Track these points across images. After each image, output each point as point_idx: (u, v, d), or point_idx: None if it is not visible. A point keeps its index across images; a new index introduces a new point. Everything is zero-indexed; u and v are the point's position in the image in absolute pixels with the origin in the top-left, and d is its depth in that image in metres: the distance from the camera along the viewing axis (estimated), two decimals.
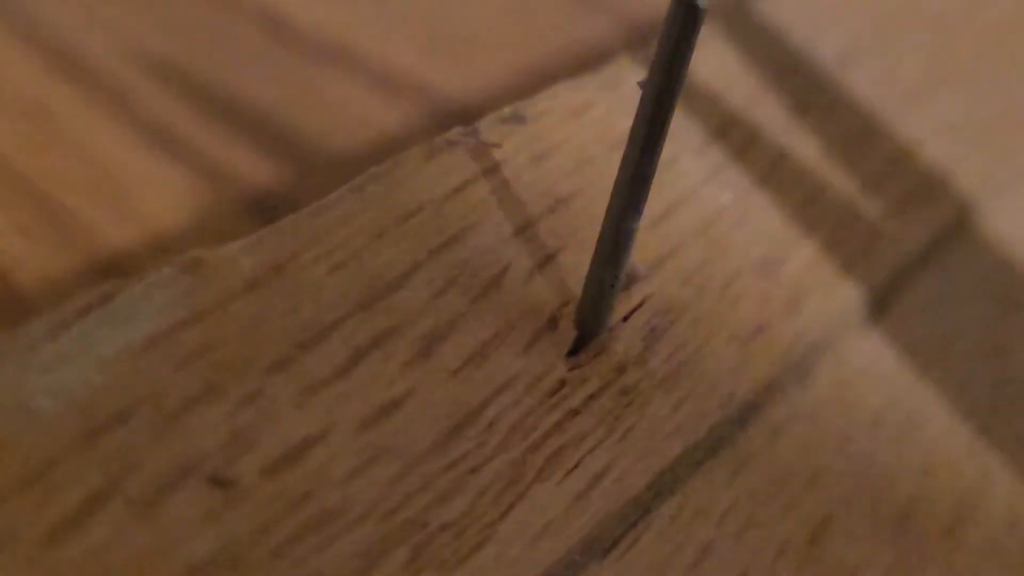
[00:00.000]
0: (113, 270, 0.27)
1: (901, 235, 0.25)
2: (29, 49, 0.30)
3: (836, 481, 0.22)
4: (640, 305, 0.21)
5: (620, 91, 0.24)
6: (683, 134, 0.24)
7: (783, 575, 0.20)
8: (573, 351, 0.20)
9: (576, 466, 0.19)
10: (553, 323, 0.20)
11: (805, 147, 0.26)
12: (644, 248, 0.22)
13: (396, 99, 0.32)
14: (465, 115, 0.31)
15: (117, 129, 0.29)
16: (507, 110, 0.22)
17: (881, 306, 0.24)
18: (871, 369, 0.24)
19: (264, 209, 0.28)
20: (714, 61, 0.26)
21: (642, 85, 0.18)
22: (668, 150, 0.21)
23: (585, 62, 0.32)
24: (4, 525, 0.15)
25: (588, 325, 0.20)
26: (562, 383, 0.19)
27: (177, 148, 0.29)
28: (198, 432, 0.16)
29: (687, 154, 0.24)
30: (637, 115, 0.18)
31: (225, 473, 0.16)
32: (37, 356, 0.16)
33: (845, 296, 0.24)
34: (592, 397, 0.20)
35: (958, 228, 0.27)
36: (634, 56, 0.24)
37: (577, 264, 0.21)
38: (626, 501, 0.19)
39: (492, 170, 0.21)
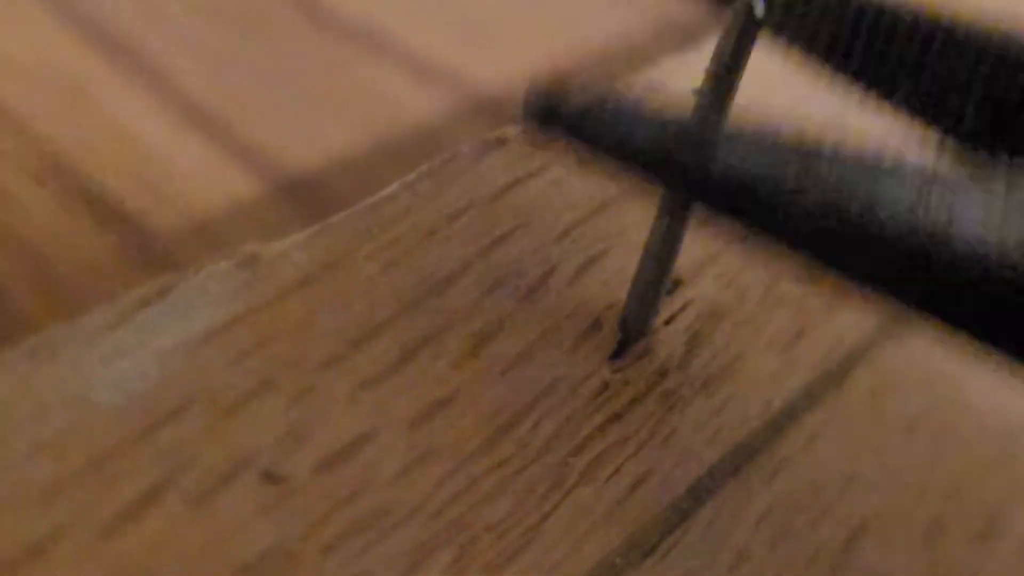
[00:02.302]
0: (150, 252, 0.27)
1: None
2: (69, 29, 0.30)
3: (869, 489, 0.22)
4: (683, 309, 0.21)
5: (667, 92, 0.24)
6: None
7: None
8: (616, 354, 0.20)
9: (618, 470, 0.19)
10: (597, 325, 0.20)
11: None
12: (686, 252, 0.22)
13: (430, 85, 0.32)
14: (496, 102, 0.31)
15: (156, 110, 0.29)
16: None
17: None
18: (905, 378, 0.24)
19: (301, 193, 0.29)
20: (758, 65, 0.26)
21: (696, 92, 0.18)
22: None
23: (613, 53, 0.32)
24: (64, 516, 0.15)
25: (632, 328, 0.20)
26: (605, 386, 0.19)
27: (216, 131, 0.29)
28: (252, 428, 0.16)
29: None
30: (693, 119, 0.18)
31: (278, 469, 0.16)
32: (97, 348, 0.16)
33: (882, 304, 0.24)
34: (635, 401, 0.20)
35: None
36: (681, 58, 0.24)
37: (622, 266, 0.21)
38: (666, 505, 0.19)
39: (541, 170, 0.21)
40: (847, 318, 0.23)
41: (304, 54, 0.31)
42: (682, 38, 0.33)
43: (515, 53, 0.34)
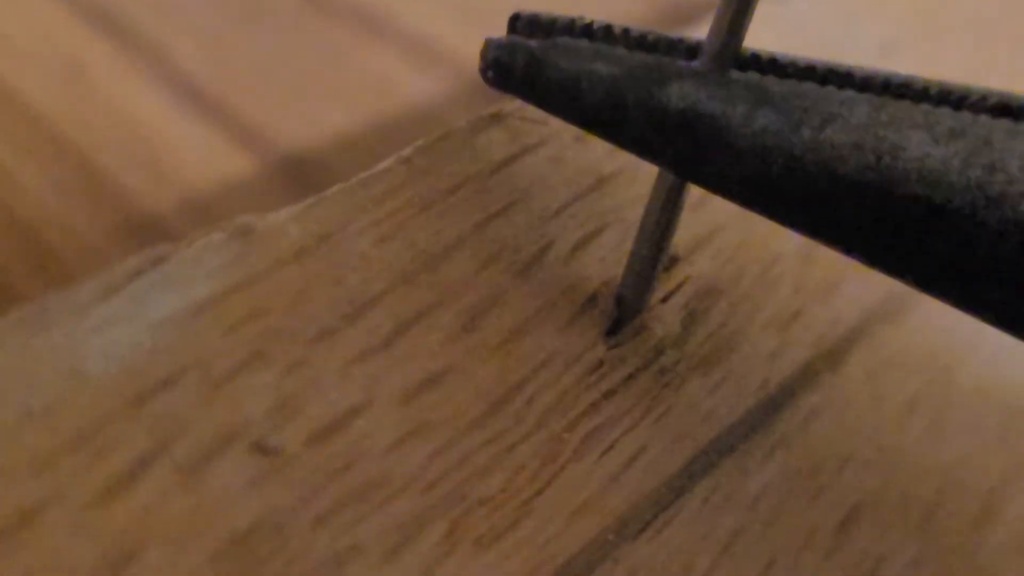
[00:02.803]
0: (144, 228, 0.27)
1: None
2: (68, 8, 0.30)
3: (865, 470, 0.22)
4: (679, 286, 0.21)
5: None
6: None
7: (809, 563, 0.20)
8: (612, 330, 0.20)
9: (612, 446, 0.19)
10: (593, 301, 0.20)
11: None
12: (684, 229, 0.22)
13: (427, 67, 0.32)
14: None
15: (153, 88, 0.29)
16: None
17: (917, 294, 0.24)
18: (904, 358, 0.24)
19: (297, 172, 0.29)
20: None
21: None
22: None
23: None
24: (54, 485, 0.15)
25: (628, 305, 0.20)
26: (600, 363, 0.19)
27: (214, 111, 0.29)
28: (244, 399, 0.16)
29: None
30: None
31: (270, 441, 0.16)
32: (89, 318, 0.16)
33: (881, 283, 0.24)
34: (630, 377, 0.20)
35: None
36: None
37: (618, 243, 0.21)
38: (660, 483, 0.19)
39: (537, 146, 0.21)
40: (845, 297, 0.23)
41: (302, 35, 0.31)
42: (682, 19, 0.33)
43: None
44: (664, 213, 0.19)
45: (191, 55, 0.30)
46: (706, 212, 0.22)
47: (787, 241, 0.23)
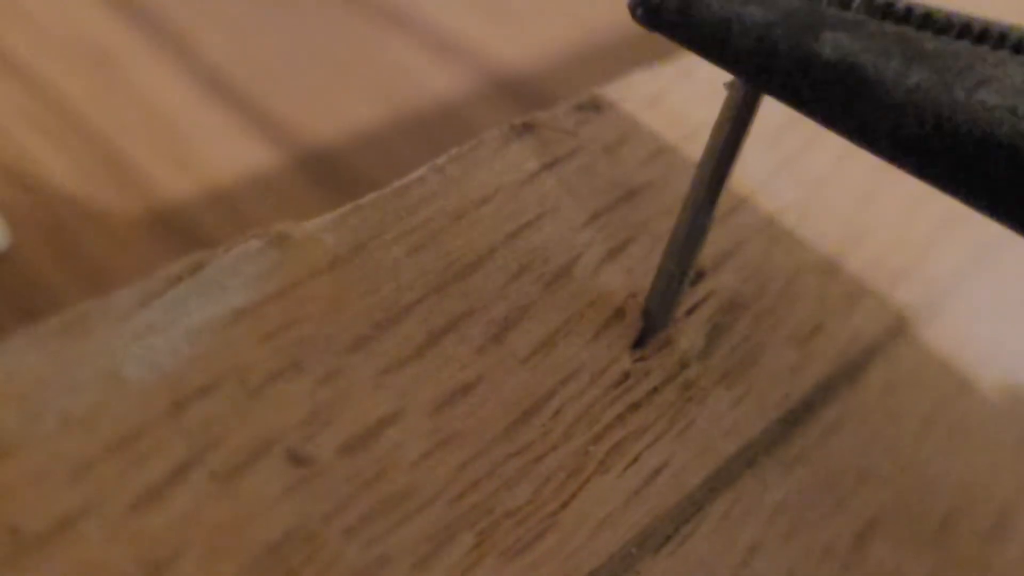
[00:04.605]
0: (170, 221, 0.27)
1: (957, 240, 0.25)
2: None
3: (882, 484, 0.22)
4: (704, 300, 0.21)
5: (693, 81, 0.24)
6: (752, 129, 0.24)
7: None
8: (638, 343, 0.20)
9: (636, 460, 0.19)
10: (620, 314, 0.20)
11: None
12: (709, 243, 0.22)
13: (453, 64, 0.32)
14: (518, 83, 0.31)
15: (181, 80, 0.29)
16: (583, 97, 0.22)
17: (935, 309, 0.24)
18: (920, 373, 0.24)
19: (321, 168, 0.29)
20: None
21: (728, 86, 0.18)
22: None
23: (634, 36, 0.32)
24: (92, 492, 0.15)
25: (654, 318, 0.20)
26: (626, 375, 0.20)
27: (239, 102, 0.29)
28: (279, 408, 0.16)
29: (754, 150, 0.24)
30: (723, 116, 0.18)
31: (304, 450, 0.16)
32: (128, 325, 0.16)
33: (901, 298, 0.24)
34: (655, 391, 0.20)
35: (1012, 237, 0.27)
36: None
37: (646, 255, 0.21)
38: (682, 497, 0.19)
39: (568, 157, 0.21)
40: (865, 312, 0.23)
41: (328, 28, 0.31)
42: None
43: (540, 34, 0.34)
44: (694, 228, 0.19)
45: (217, 45, 0.30)
46: (731, 226, 0.22)
47: (809, 255, 0.23)
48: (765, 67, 0.16)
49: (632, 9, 0.17)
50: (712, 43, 0.17)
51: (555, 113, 0.21)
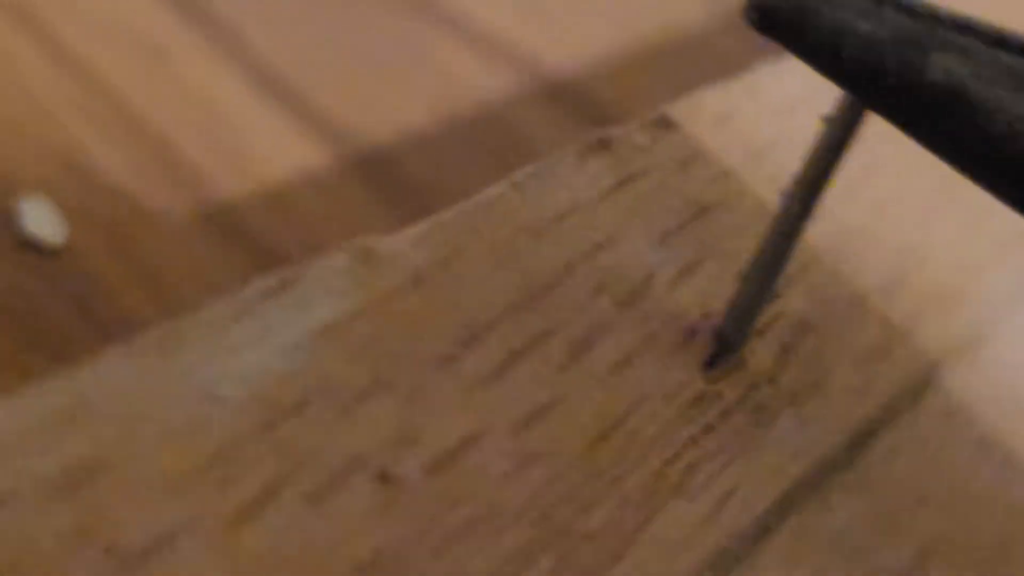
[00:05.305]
0: (223, 220, 0.27)
1: (1016, 261, 0.26)
2: None
3: (938, 510, 0.22)
4: (774, 321, 0.21)
5: (761, 100, 0.24)
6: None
7: None
8: (710, 363, 0.20)
9: (709, 482, 0.19)
10: (692, 334, 0.20)
11: (930, 166, 0.26)
12: None
13: (503, 67, 0.32)
14: (567, 88, 0.31)
15: (231, 74, 0.29)
16: (655, 114, 0.22)
17: (993, 330, 0.24)
18: (977, 396, 0.24)
19: (373, 171, 0.29)
20: None
21: (826, 120, 0.18)
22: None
23: (679, 42, 0.32)
24: (189, 509, 0.15)
25: (728, 339, 0.20)
26: (700, 396, 0.20)
27: (290, 99, 0.29)
28: (367, 426, 0.16)
29: None
30: (820, 145, 0.18)
31: (391, 469, 0.16)
32: (222, 340, 0.16)
33: (960, 319, 0.24)
34: (727, 412, 0.20)
35: None
36: (773, 66, 0.24)
37: (718, 274, 0.21)
38: (751, 520, 0.19)
39: (641, 174, 0.21)
40: (926, 334, 0.23)
41: (380, 26, 0.31)
42: None
43: (590, 38, 0.33)
44: (778, 252, 0.19)
45: (268, 41, 0.30)
46: (801, 246, 0.22)
47: (872, 277, 0.23)
48: (871, 83, 0.16)
49: (746, 13, 0.17)
50: (822, 53, 0.16)
51: (629, 129, 0.21)
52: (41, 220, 0.26)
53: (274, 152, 0.28)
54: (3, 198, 0.27)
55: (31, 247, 0.26)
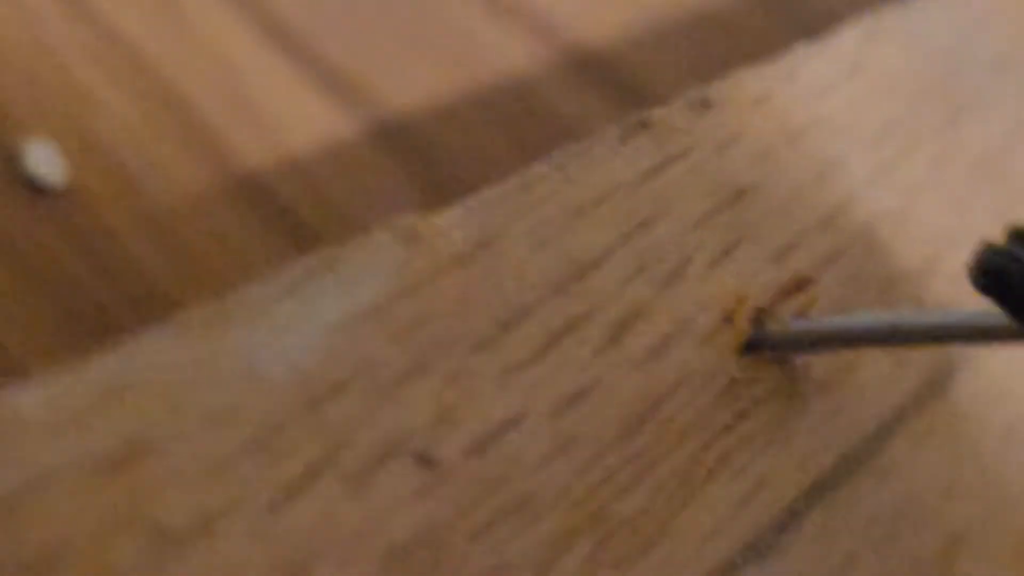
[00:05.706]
0: (244, 185, 0.27)
1: None
2: None
3: (966, 498, 0.22)
4: (808, 307, 0.21)
5: (797, 83, 0.23)
6: (851, 133, 0.24)
7: None
8: (745, 350, 0.20)
9: (743, 469, 0.19)
10: (728, 319, 0.20)
11: (962, 151, 0.26)
12: (812, 250, 0.22)
13: (528, 37, 0.31)
14: (592, 59, 0.31)
15: (247, 29, 0.28)
16: (694, 95, 0.22)
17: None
18: (1003, 385, 0.24)
19: (397, 141, 0.28)
20: (883, 61, 0.26)
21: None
22: (836, 149, 0.21)
23: (711, 19, 0.31)
24: (232, 490, 0.15)
25: (763, 324, 0.20)
26: (734, 382, 0.20)
27: (309, 59, 0.29)
28: (408, 408, 0.16)
29: (854, 155, 0.23)
30: None
31: (431, 452, 0.16)
32: (265, 320, 0.16)
33: (990, 306, 0.24)
34: (760, 400, 0.20)
35: None
36: (807, 48, 0.24)
37: (753, 258, 0.21)
38: (783, 507, 0.19)
39: (680, 155, 0.21)
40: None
41: None
42: (803, 29, 0.32)
43: (622, 11, 0.33)
44: None
45: (290, 2, 0.30)
46: (831, 233, 0.22)
47: (905, 261, 0.23)
48: None
49: (972, 274, 0.16)
50: None
51: (670, 111, 0.21)
52: (43, 161, 0.26)
53: (293, 113, 0.27)
54: (9, 139, 0.27)
55: (33, 187, 0.26)
